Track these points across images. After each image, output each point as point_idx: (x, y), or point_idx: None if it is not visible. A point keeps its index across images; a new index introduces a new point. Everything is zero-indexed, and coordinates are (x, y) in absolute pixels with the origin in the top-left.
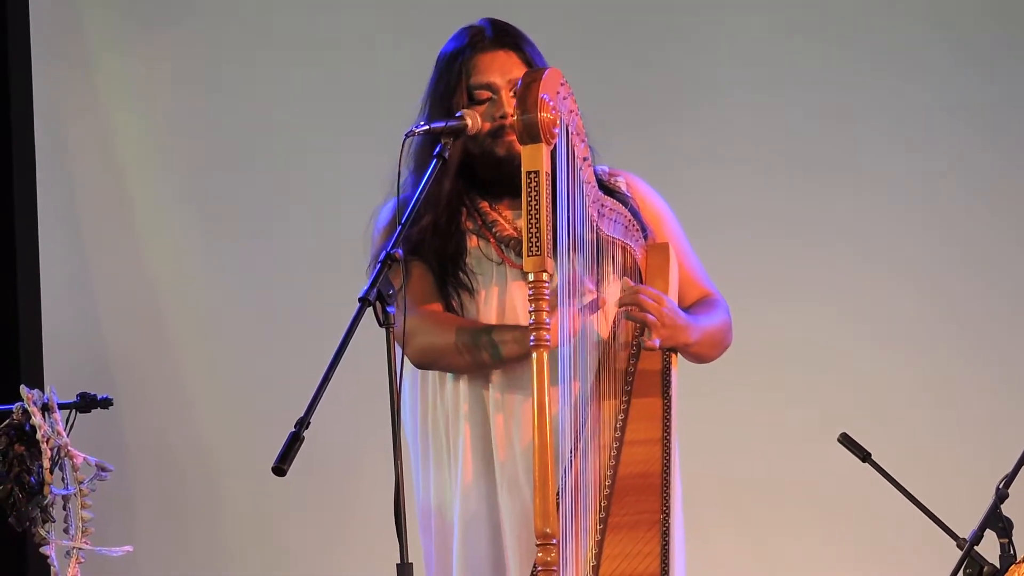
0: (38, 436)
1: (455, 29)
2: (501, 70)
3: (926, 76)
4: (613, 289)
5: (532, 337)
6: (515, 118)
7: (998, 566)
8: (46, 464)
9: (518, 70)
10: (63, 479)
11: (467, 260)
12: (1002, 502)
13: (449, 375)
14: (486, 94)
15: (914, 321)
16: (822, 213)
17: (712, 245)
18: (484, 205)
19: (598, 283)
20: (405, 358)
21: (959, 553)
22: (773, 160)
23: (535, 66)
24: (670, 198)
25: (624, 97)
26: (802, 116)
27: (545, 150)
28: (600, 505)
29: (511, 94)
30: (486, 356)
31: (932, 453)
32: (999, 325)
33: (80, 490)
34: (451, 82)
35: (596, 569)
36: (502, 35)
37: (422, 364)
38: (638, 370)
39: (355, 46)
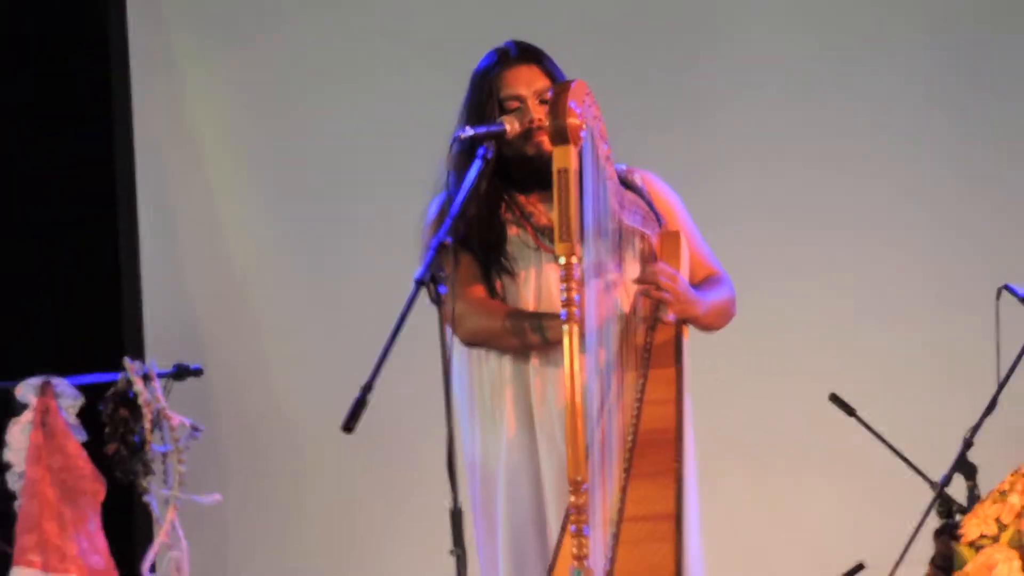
0: (139, 401)
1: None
2: (526, 82)
3: (916, 77)
4: (633, 270)
5: (563, 312)
6: (547, 123)
7: (965, 505)
8: (147, 425)
9: (541, 82)
10: (161, 438)
11: (508, 248)
12: (968, 449)
13: None
14: (515, 104)
15: (897, 295)
16: (820, 201)
17: (723, 232)
18: (521, 198)
19: (620, 265)
20: (455, 336)
21: (932, 494)
22: (778, 154)
23: (556, 77)
24: (682, 189)
25: (644, 103)
26: (804, 115)
27: (573, 151)
28: (624, 456)
29: (537, 102)
30: (533, 339)
31: (908, 408)
32: (969, 295)
33: (176, 447)
34: (484, 95)
35: (621, 511)
36: (525, 53)
37: (472, 344)
38: (654, 341)
39: (421, 68)
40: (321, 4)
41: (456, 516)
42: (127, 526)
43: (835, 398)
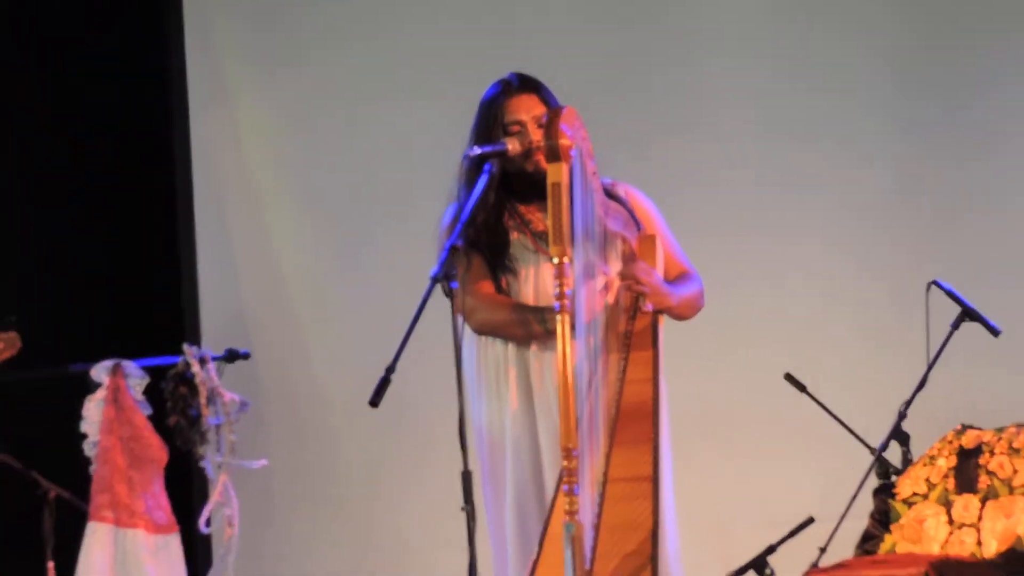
0: (196, 381)
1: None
2: (526, 109)
3: (861, 93)
4: (616, 268)
5: (556, 304)
6: (543, 143)
7: (900, 467)
8: (203, 401)
9: (539, 108)
10: (215, 412)
11: (510, 250)
12: (903, 420)
13: None
14: (517, 128)
15: (842, 290)
16: (778, 208)
17: (693, 236)
18: (521, 208)
19: (605, 263)
20: (467, 325)
21: (872, 458)
22: (737, 168)
23: (552, 104)
24: (658, 199)
25: (626, 127)
26: (765, 134)
27: (565, 167)
28: (609, 427)
29: (536, 126)
30: (536, 328)
31: (852, 385)
32: (904, 290)
33: (228, 420)
34: (490, 120)
35: (606, 474)
36: (526, 83)
37: (482, 333)
38: (634, 328)
39: (437, 95)
40: (355, 40)
41: (466, 477)
42: (186, 487)
43: (789, 377)
